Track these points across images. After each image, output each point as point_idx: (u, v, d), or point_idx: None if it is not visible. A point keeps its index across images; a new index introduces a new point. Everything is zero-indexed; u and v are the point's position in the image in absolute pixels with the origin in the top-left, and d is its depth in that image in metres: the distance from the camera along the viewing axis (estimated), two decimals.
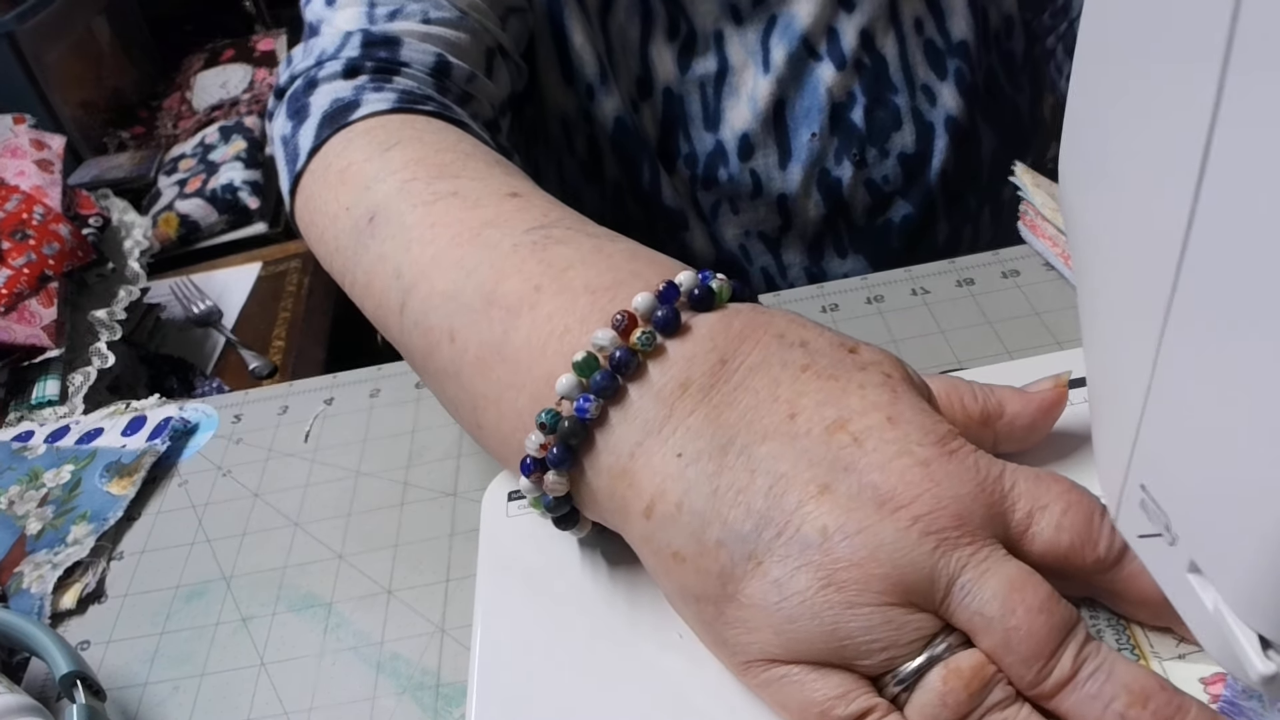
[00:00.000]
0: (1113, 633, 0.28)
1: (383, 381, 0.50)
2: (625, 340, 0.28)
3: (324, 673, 0.36)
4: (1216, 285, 0.21)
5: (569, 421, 0.28)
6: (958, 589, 0.24)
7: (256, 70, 1.53)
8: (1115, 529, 0.26)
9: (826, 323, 0.47)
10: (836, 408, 0.26)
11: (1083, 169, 0.27)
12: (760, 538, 0.25)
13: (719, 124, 0.57)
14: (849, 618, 0.24)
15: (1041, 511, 0.26)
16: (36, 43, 1.31)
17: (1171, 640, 0.28)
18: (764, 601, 0.25)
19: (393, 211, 0.36)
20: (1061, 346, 0.43)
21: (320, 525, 0.42)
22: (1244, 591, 0.22)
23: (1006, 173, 0.63)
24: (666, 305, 0.28)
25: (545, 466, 0.29)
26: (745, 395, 0.27)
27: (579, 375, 0.28)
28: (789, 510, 0.25)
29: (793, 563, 0.25)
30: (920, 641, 0.24)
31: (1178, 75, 0.21)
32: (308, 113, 0.44)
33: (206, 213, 1.19)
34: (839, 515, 0.25)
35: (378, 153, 0.39)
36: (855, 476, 0.25)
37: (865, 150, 0.58)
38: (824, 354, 0.28)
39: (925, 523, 0.24)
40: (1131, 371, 0.25)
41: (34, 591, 0.41)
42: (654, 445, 0.27)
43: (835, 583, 0.24)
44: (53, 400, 0.62)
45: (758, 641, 0.25)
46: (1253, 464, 0.21)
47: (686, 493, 0.26)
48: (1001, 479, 0.26)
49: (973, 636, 0.24)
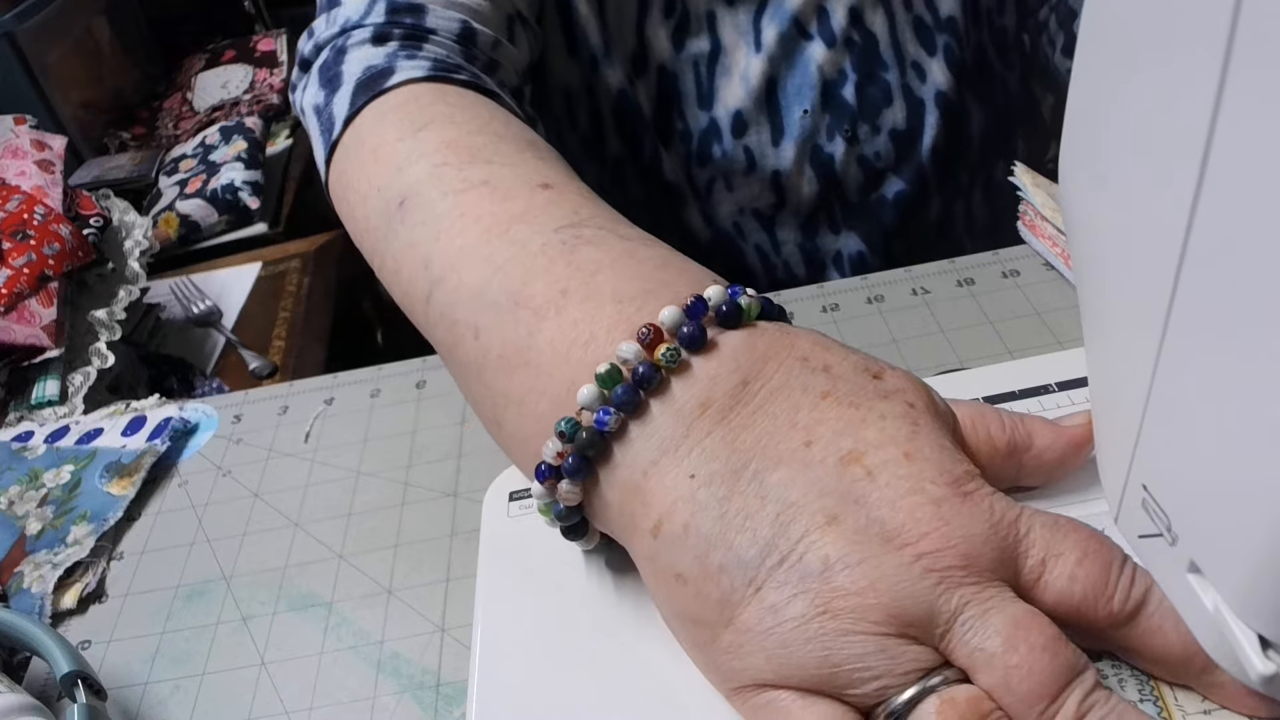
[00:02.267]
0: (1136, 683, 0.27)
1: (383, 381, 0.50)
2: (650, 355, 0.28)
3: (324, 672, 0.36)
4: (1217, 286, 0.21)
5: (587, 432, 0.28)
6: (959, 625, 0.24)
7: (257, 70, 1.53)
8: (1135, 581, 0.25)
9: (826, 322, 0.48)
10: (853, 438, 0.26)
11: (1083, 169, 0.27)
12: (763, 565, 0.25)
13: (713, 102, 0.58)
14: (842, 644, 0.23)
15: (1056, 559, 0.25)
16: (37, 43, 1.31)
17: (1199, 695, 0.26)
18: (759, 626, 0.25)
19: (423, 198, 0.36)
20: (1062, 346, 0.43)
21: (320, 525, 0.42)
22: (1244, 591, 0.22)
23: (997, 150, 0.63)
24: (693, 321, 0.28)
25: (560, 475, 0.29)
26: (763, 419, 0.27)
27: (601, 387, 0.28)
28: (794, 539, 0.25)
29: (790, 589, 0.24)
30: (916, 674, 0.24)
31: (1178, 76, 0.21)
32: (341, 80, 0.43)
33: (207, 213, 1.19)
34: (842, 546, 0.24)
35: (410, 132, 0.39)
36: (865, 510, 0.25)
37: (857, 126, 0.58)
38: (847, 379, 0.28)
39: (930, 559, 0.24)
40: (1133, 372, 0.25)
41: (34, 591, 0.41)
42: (669, 464, 0.27)
43: (831, 610, 0.24)
44: (53, 400, 0.62)
45: (750, 667, 0.25)
46: (1253, 464, 0.21)
47: (695, 514, 0.26)
48: (1017, 524, 0.25)
49: (972, 674, 0.24)
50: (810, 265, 0.62)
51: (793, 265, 0.62)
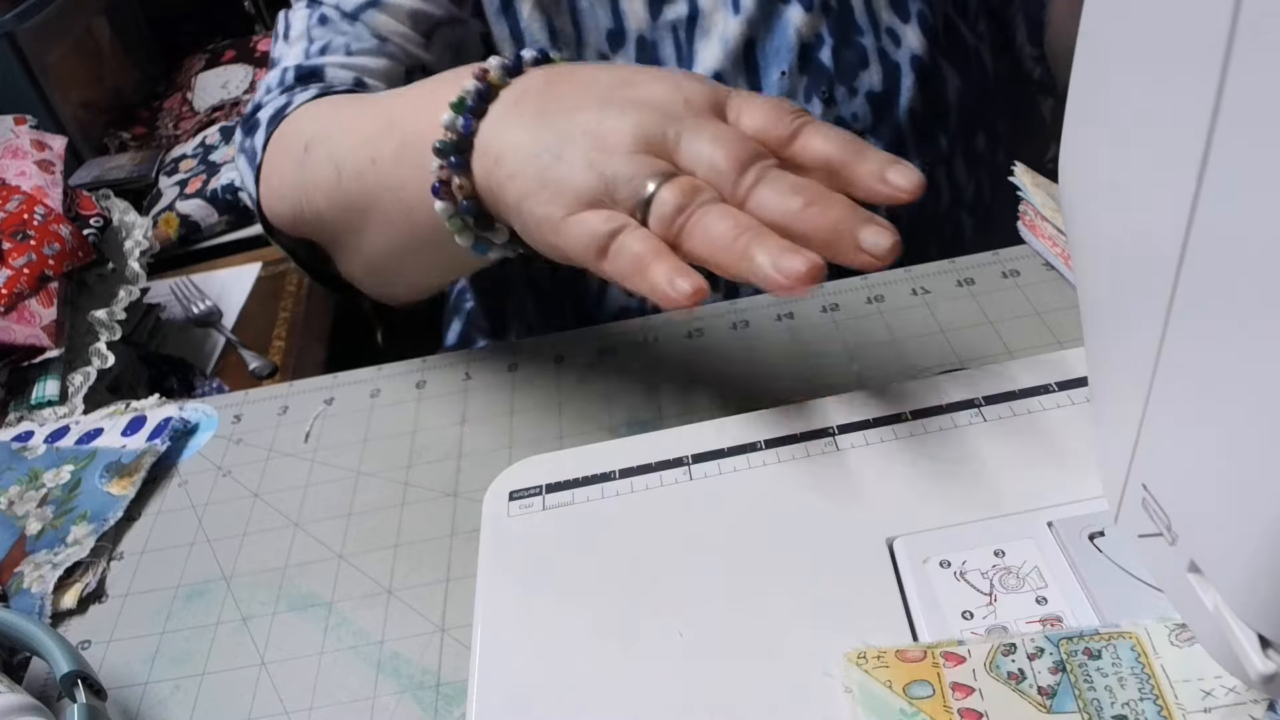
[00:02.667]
0: (1136, 682, 0.28)
1: (383, 381, 0.50)
2: (484, 81, 0.40)
3: (324, 672, 0.36)
4: (1217, 286, 0.21)
5: (456, 138, 0.39)
6: (683, 140, 0.35)
7: (257, 71, 1.53)
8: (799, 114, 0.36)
9: (826, 322, 0.48)
10: (624, 80, 0.38)
11: (1083, 169, 0.27)
12: (562, 146, 0.36)
13: (692, 64, 0.60)
14: (604, 163, 0.35)
15: (744, 102, 0.37)
16: (36, 43, 1.31)
17: (1198, 693, 0.27)
18: (558, 176, 0.36)
19: (320, 134, 0.50)
20: (1062, 345, 0.43)
21: (320, 525, 0.42)
22: (1244, 591, 0.22)
23: (975, 118, 0.65)
24: (513, 62, 0.41)
25: (450, 180, 0.39)
26: (560, 91, 0.39)
27: (455, 112, 0.39)
28: (577, 126, 0.37)
29: (575, 147, 0.36)
30: (659, 175, 0.34)
31: (1178, 76, 0.21)
32: (259, 124, 0.55)
33: (207, 213, 1.19)
34: (605, 117, 0.36)
35: (307, 119, 0.52)
36: (627, 98, 0.37)
37: (834, 89, 0.61)
38: (606, 84, 0.39)
39: (663, 106, 0.36)
40: (1133, 372, 0.25)
41: (34, 591, 0.41)
42: (505, 129, 0.39)
43: (599, 147, 0.35)
44: (53, 400, 0.62)
45: (559, 209, 0.36)
46: (1253, 464, 0.21)
47: (520, 143, 0.38)
48: (728, 92, 0.38)
49: (694, 172, 0.35)
50: None
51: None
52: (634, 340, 0.49)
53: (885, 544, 0.34)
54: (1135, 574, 0.31)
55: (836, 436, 0.38)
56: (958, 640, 0.30)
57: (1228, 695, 0.27)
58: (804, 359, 0.46)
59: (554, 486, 0.39)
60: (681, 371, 0.47)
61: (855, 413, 0.39)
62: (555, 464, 0.40)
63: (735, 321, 0.49)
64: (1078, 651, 0.29)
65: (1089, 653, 0.29)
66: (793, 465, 0.38)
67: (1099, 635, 0.29)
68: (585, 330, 0.51)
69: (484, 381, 0.49)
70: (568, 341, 0.50)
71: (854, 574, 0.33)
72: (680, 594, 0.33)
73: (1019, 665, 0.29)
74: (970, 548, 0.33)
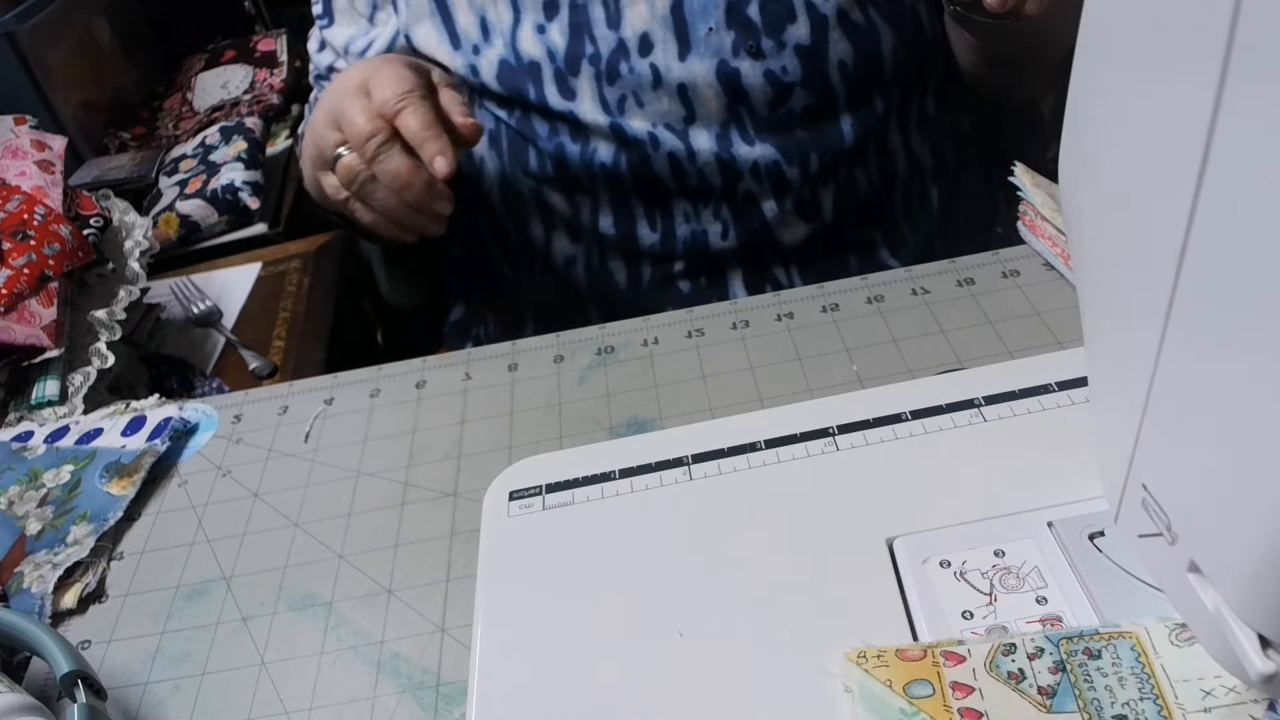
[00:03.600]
0: (1136, 681, 0.28)
1: (383, 381, 0.50)
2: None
3: (324, 672, 0.36)
4: (1217, 286, 0.21)
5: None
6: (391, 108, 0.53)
7: (257, 71, 1.53)
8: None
9: (826, 322, 0.48)
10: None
11: (1083, 169, 0.27)
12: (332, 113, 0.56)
13: (620, 23, 0.62)
14: (340, 105, 0.54)
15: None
16: (36, 43, 1.31)
17: (1198, 693, 0.27)
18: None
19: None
20: (1062, 345, 0.43)
21: (320, 525, 0.42)
22: (1244, 591, 0.22)
23: (914, 78, 0.64)
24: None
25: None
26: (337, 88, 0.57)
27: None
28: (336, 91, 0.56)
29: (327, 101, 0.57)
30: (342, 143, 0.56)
31: (1178, 76, 0.21)
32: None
33: (207, 213, 1.19)
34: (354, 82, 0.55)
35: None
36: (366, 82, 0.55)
37: (761, 42, 0.61)
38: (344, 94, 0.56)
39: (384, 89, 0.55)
40: (1133, 372, 0.25)
41: (34, 591, 0.41)
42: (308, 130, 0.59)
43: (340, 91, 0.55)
44: (52, 400, 0.62)
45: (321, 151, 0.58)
46: (1253, 464, 0.21)
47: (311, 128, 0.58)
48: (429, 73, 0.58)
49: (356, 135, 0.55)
50: (726, 174, 0.65)
51: (707, 174, 0.65)
52: (634, 340, 0.49)
53: (885, 544, 0.34)
54: (1135, 574, 0.31)
55: (836, 436, 0.38)
56: (958, 640, 0.30)
57: (1228, 695, 0.27)
58: (804, 359, 0.46)
59: (554, 486, 0.39)
60: (681, 371, 0.47)
61: (855, 413, 0.39)
62: (555, 464, 0.40)
63: (735, 321, 0.49)
64: (1078, 651, 0.29)
65: (1089, 652, 0.29)
66: (792, 465, 0.38)
67: (1099, 635, 0.29)
68: (585, 330, 0.51)
69: (484, 381, 0.49)
70: (568, 341, 0.50)
71: (854, 574, 0.33)
72: (680, 594, 0.33)
73: (1019, 665, 0.29)
74: (970, 548, 0.33)
